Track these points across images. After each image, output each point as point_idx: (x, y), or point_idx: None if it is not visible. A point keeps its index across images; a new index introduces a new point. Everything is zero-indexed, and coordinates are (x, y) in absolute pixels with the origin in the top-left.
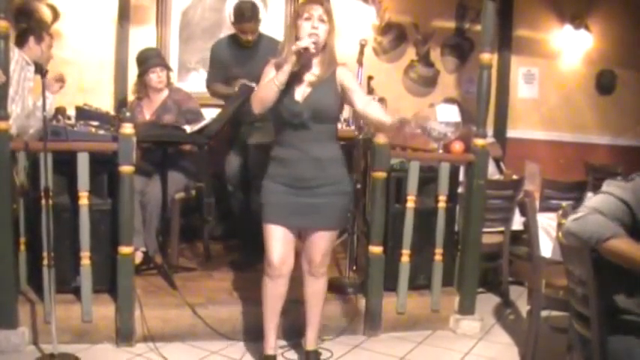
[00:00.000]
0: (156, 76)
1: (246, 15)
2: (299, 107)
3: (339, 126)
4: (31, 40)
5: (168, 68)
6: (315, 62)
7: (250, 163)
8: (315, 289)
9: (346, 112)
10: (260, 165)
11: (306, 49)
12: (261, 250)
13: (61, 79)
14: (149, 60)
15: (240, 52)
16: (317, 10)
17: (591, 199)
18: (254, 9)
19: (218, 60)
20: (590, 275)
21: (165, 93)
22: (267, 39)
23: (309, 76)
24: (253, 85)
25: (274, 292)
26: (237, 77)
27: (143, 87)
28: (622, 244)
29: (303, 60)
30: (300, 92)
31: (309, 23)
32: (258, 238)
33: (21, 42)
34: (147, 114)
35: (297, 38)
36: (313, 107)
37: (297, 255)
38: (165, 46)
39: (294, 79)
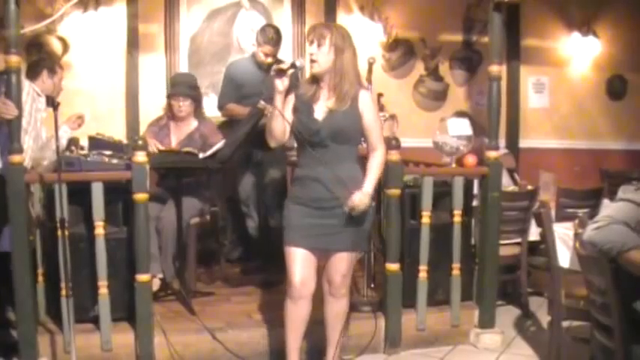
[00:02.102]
0: (176, 105)
1: (273, 38)
2: (317, 125)
3: None
4: (45, 73)
5: (193, 99)
6: (326, 85)
7: (265, 182)
8: (336, 310)
9: None
10: (274, 184)
11: (280, 70)
12: (283, 269)
13: (80, 118)
14: (174, 86)
15: (256, 73)
16: (314, 35)
17: (610, 207)
18: (279, 33)
19: (233, 80)
20: (610, 284)
21: (194, 124)
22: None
23: (327, 101)
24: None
25: (296, 314)
26: (249, 97)
27: (169, 108)
28: None
29: (290, 82)
30: (320, 112)
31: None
32: (277, 257)
33: (33, 75)
34: (173, 140)
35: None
36: (332, 127)
37: (319, 275)
38: (174, 72)
39: (313, 99)
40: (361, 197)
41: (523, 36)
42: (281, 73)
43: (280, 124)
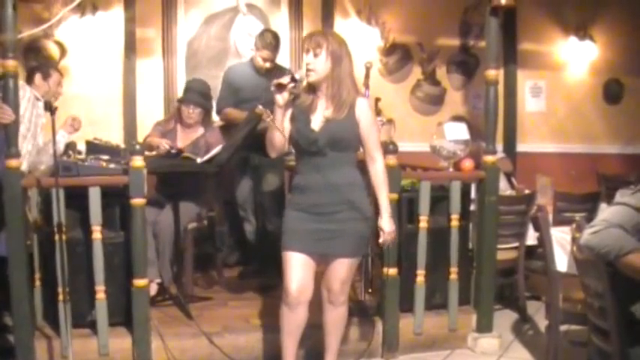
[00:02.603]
0: (186, 111)
1: (271, 43)
2: (315, 135)
3: None
4: (37, 76)
5: (204, 107)
6: (324, 94)
7: (262, 186)
8: (335, 317)
9: None
10: (272, 188)
11: (280, 85)
12: (280, 273)
13: (75, 120)
14: (187, 92)
15: (254, 78)
16: (310, 44)
17: (607, 211)
18: (277, 38)
19: (232, 84)
20: (607, 288)
21: (201, 131)
22: (282, 69)
23: (325, 111)
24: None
25: (293, 321)
26: (248, 101)
27: (178, 113)
28: None
29: (294, 93)
30: (317, 121)
31: (306, 58)
32: (275, 261)
33: (28, 80)
34: (179, 144)
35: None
36: (329, 136)
37: (317, 280)
38: (172, 76)
39: (311, 109)
40: (389, 230)
41: (520, 40)
42: (281, 87)
43: (280, 137)
